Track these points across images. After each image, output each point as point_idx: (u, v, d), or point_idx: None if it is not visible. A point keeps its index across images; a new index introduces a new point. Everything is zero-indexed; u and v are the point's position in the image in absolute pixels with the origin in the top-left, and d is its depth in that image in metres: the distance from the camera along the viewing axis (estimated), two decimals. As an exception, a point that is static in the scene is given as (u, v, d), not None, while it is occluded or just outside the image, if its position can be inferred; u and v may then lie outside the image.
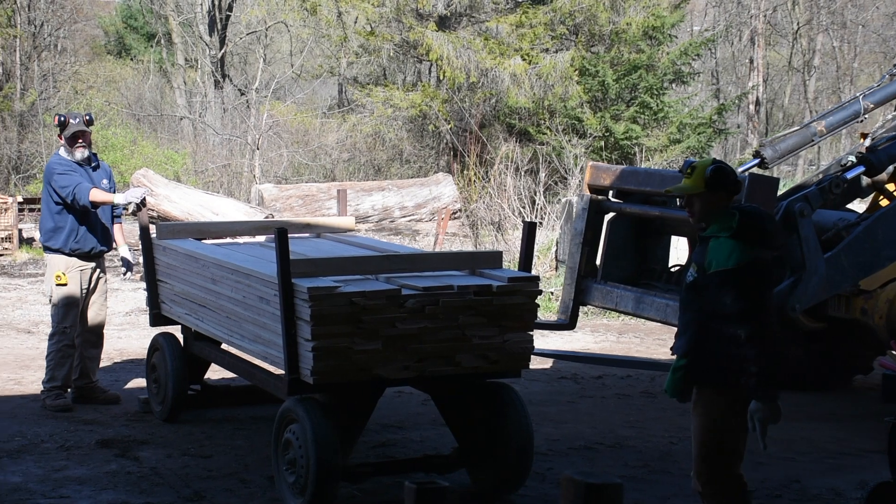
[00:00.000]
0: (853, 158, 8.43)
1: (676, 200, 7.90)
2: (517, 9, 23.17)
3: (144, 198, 8.32)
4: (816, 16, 34.72)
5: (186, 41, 32.81)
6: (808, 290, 7.56)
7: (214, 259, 7.19)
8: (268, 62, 31.80)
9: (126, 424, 8.10)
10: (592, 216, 8.53)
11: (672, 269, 8.46)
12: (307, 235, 8.70)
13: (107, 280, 8.87)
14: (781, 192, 8.18)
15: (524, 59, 22.25)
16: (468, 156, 22.38)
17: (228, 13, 32.75)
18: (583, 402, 9.19)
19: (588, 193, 8.54)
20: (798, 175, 27.93)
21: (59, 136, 8.54)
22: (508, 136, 22.70)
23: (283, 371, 6.25)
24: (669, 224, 8.42)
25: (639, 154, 21.21)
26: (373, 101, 24.00)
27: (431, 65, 24.49)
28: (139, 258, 8.71)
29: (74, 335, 8.52)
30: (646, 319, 8.62)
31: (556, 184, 20.52)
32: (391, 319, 6.02)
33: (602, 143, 22.02)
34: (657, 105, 22.24)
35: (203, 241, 8.11)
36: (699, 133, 22.61)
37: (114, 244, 8.76)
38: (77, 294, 8.50)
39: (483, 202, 19.13)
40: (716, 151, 27.38)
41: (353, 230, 8.94)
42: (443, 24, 22.96)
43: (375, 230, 19.01)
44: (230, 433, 7.90)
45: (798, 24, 34.29)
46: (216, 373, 9.08)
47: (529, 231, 6.73)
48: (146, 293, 8.31)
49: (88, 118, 8.56)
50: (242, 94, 30.26)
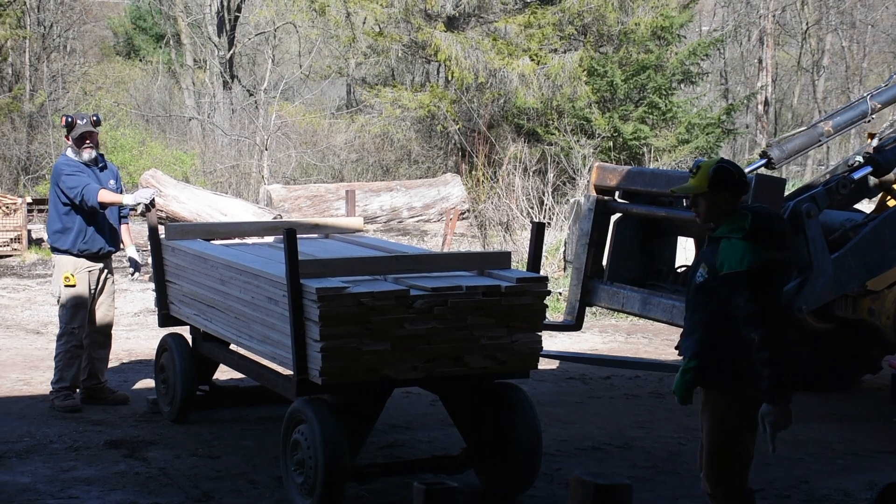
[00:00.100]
0: (860, 158, 8.41)
1: (683, 201, 7.89)
2: (525, 9, 23.17)
3: (153, 199, 8.32)
4: (825, 16, 34.66)
5: (195, 42, 32.85)
6: (815, 291, 7.54)
7: (223, 260, 7.20)
8: (276, 63, 31.81)
9: (135, 425, 8.11)
10: (599, 217, 8.52)
11: (679, 270, 8.44)
12: (316, 236, 8.71)
13: (115, 281, 8.89)
14: (789, 193, 8.17)
15: (532, 60, 22.24)
16: (476, 156, 22.37)
17: (237, 14, 32.81)
18: (591, 403, 9.18)
19: (594, 194, 8.53)
20: (807, 175, 27.87)
21: (67, 137, 8.55)
22: (517, 137, 22.67)
23: (292, 372, 6.26)
24: (676, 225, 8.40)
25: (647, 154, 21.18)
26: (381, 102, 24.03)
27: (440, 65, 24.50)
28: (147, 259, 8.73)
29: (83, 336, 8.53)
30: (652, 320, 8.61)
31: (565, 184, 20.50)
32: (400, 320, 6.03)
33: (610, 144, 22.01)
34: (666, 105, 22.21)
35: (212, 242, 8.12)
36: (708, 133, 22.58)
37: (121, 245, 8.77)
38: (85, 295, 8.51)
39: (491, 202, 19.10)
40: (724, 152, 27.34)
41: (362, 231, 8.95)
42: (451, 25, 22.96)
43: (384, 231, 19.01)
44: (239, 434, 7.91)
45: (807, 24, 34.24)
46: (224, 373, 9.10)
47: (538, 231, 6.72)
48: (155, 294, 8.33)
49: (96, 119, 8.56)
50: (251, 95, 30.30)
